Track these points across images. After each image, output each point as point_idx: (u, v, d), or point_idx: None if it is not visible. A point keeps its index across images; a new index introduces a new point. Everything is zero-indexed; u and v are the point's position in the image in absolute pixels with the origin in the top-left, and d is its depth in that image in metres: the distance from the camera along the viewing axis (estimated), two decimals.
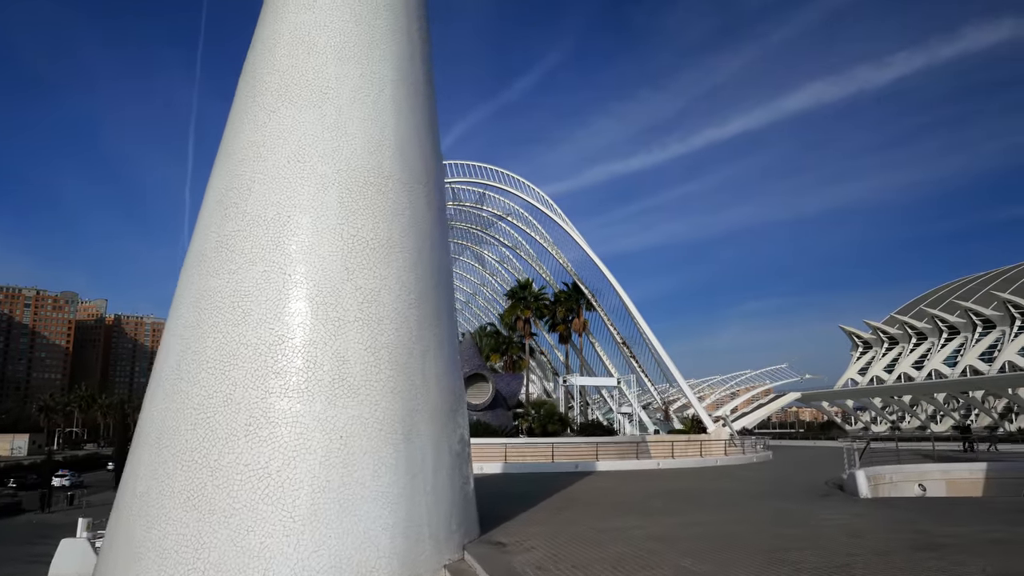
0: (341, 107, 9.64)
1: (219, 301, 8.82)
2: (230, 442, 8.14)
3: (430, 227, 10.02)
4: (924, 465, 20.32)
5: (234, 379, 8.39)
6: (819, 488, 17.11)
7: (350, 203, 9.24)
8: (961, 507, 13.26)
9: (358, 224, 9.18)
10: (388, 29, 10.31)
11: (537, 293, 52.82)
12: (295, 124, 9.52)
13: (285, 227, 9.00)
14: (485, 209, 65.51)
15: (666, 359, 49.91)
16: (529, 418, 34.72)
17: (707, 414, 46.88)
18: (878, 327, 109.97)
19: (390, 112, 9.95)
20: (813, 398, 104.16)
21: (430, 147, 10.55)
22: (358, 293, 8.87)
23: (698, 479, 21.16)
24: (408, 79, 10.37)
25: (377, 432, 8.46)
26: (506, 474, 23.45)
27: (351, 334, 8.67)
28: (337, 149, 9.44)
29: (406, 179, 9.83)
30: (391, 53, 10.23)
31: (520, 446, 27.24)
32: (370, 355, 8.70)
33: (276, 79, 9.85)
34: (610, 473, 23.75)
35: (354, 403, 8.44)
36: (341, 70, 9.82)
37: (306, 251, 8.89)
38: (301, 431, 8.16)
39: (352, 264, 8.96)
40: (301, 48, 9.92)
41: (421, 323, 9.34)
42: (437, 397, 9.30)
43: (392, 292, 9.12)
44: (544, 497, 15.10)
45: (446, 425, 9.37)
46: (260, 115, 9.73)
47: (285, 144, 9.44)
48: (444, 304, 10.02)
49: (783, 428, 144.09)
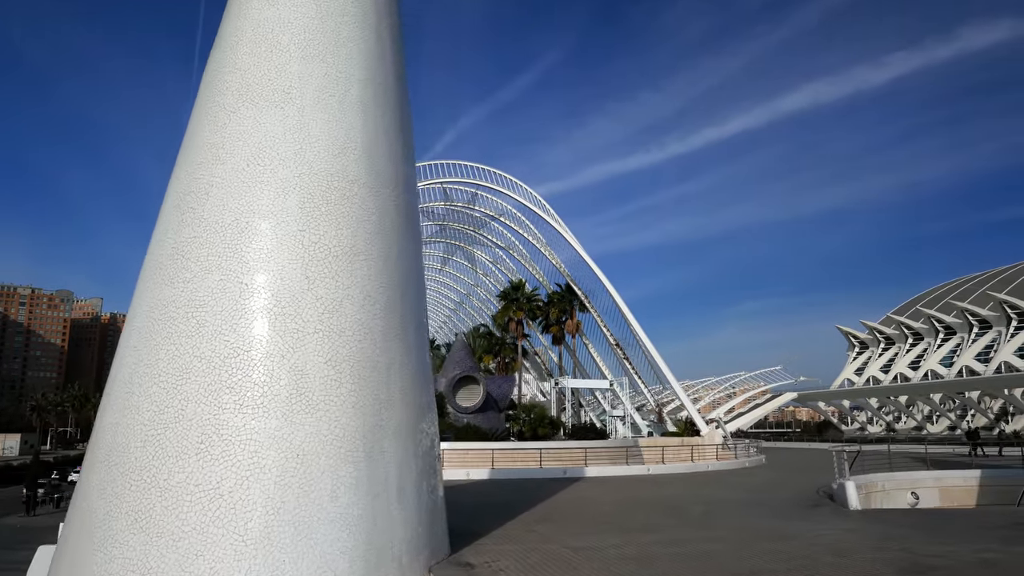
0: (304, 108, 9.22)
1: (173, 312, 8.42)
2: (181, 460, 7.73)
3: (398, 233, 9.61)
4: (917, 473, 19.96)
5: (186, 394, 7.98)
6: (809, 497, 16.73)
7: (312, 208, 8.83)
8: (954, 521, 12.89)
9: (320, 231, 8.77)
10: (355, 26, 9.90)
11: (530, 294, 52.42)
12: (255, 125, 9.11)
13: (243, 234, 8.59)
14: (477, 209, 65.03)
15: (659, 361, 49.45)
16: (520, 421, 34.31)
17: (701, 416, 46.47)
18: (874, 327, 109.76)
19: (356, 113, 9.54)
20: (809, 398, 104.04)
21: (400, 150, 10.14)
22: (319, 303, 8.46)
23: (687, 486, 20.77)
24: (377, 79, 9.96)
25: (337, 450, 8.05)
26: (493, 480, 23.06)
27: (311, 346, 8.26)
28: (299, 152, 9.03)
29: (373, 183, 9.42)
30: (358, 51, 9.82)
31: (508, 451, 26.85)
32: (331, 369, 8.29)
33: (237, 78, 9.44)
34: (598, 480, 23.36)
35: (312, 419, 8.03)
36: (305, 69, 9.41)
37: (265, 259, 8.48)
38: (255, 449, 7.76)
39: (313, 273, 8.55)
40: (263, 46, 9.50)
41: (387, 334, 8.93)
42: (403, 412, 8.89)
43: (355, 302, 8.71)
44: (525, 508, 14.71)
45: (412, 441, 8.96)
46: (220, 116, 9.32)
47: (245, 146, 9.03)
48: (413, 314, 9.61)
49: (779, 427, 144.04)
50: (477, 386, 39.12)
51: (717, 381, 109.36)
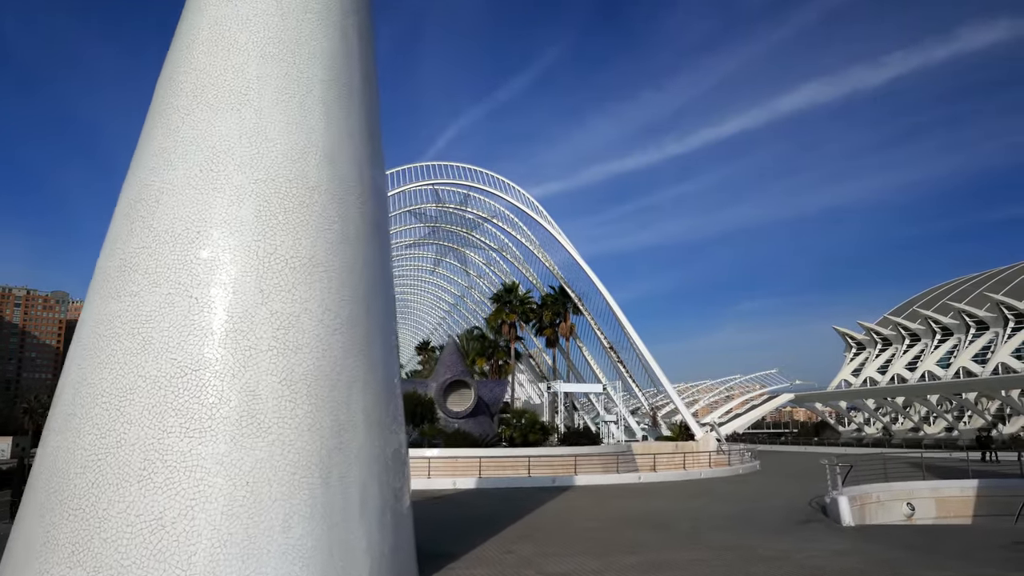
0: (262, 110, 8.71)
1: (118, 327, 7.91)
2: (121, 488, 7.21)
3: (363, 243, 9.09)
4: (913, 483, 19.45)
5: (129, 416, 7.47)
6: (802, 510, 16.22)
7: (269, 217, 8.32)
8: (949, 539, 12.39)
9: (277, 240, 8.26)
10: (318, 25, 9.39)
11: (523, 297, 51.82)
12: (210, 129, 8.60)
13: (194, 244, 8.08)
14: (470, 211, 64.51)
15: (653, 364, 49.00)
16: (510, 427, 33.75)
17: (695, 420, 45.98)
18: (871, 328, 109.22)
19: (318, 115, 9.02)
20: (806, 399, 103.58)
21: (367, 154, 9.63)
22: (274, 318, 7.94)
23: (677, 497, 20.26)
24: (341, 79, 9.45)
25: (290, 476, 7.53)
26: (479, 490, 22.54)
27: (263, 364, 7.74)
28: (256, 156, 8.52)
29: (335, 189, 8.90)
30: (321, 51, 9.31)
31: (495, 459, 26.29)
32: (285, 388, 7.77)
33: (192, 79, 8.93)
34: (587, 489, 22.84)
35: (264, 443, 7.51)
36: (263, 69, 8.89)
37: (217, 271, 7.97)
38: (201, 476, 7.24)
39: (268, 285, 8.04)
40: (220, 45, 8.99)
41: (348, 351, 8.41)
42: (365, 434, 8.37)
43: (314, 316, 8.19)
44: (507, 523, 14.20)
45: (376, 465, 8.44)
46: (173, 119, 8.81)
47: (198, 151, 8.52)
48: (379, 329, 9.09)
49: (776, 427, 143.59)
50: (468, 390, 38.51)
51: (713, 384, 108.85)
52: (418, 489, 22.41)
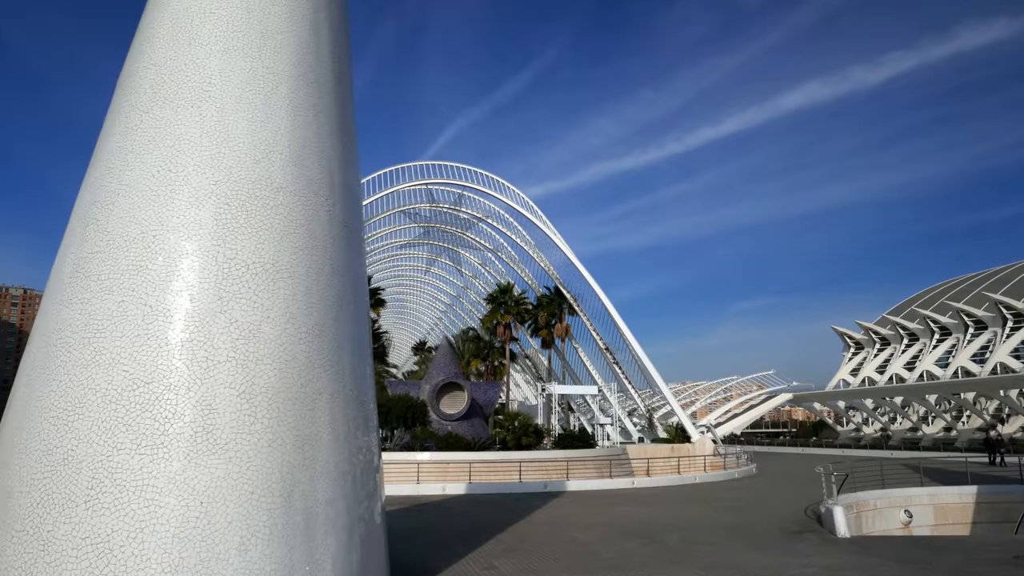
0: (224, 107, 8.28)
1: (69, 336, 7.47)
2: (67, 509, 6.78)
3: (332, 247, 8.66)
4: (910, 489, 19.06)
5: (78, 432, 7.04)
6: (796, 519, 15.80)
7: (229, 220, 7.88)
8: (948, 552, 11.96)
9: (238, 245, 7.83)
10: (286, 18, 8.95)
11: (518, 298, 51.39)
12: (169, 127, 8.17)
13: (149, 249, 7.65)
14: (465, 211, 64.05)
15: (648, 366, 48.53)
16: (503, 430, 33.33)
17: (691, 423, 45.54)
18: (870, 328, 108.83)
19: (285, 113, 8.59)
20: (804, 399, 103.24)
21: (338, 154, 9.19)
22: (233, 327, 7.51)
23: (670, 504, 19.84)
24: (310, 76, 9.01)
25: (248, 495, 7.11)
26: (469, 496, 22.10)
27: (221, 377, 7.31)
28: (217, 156, 8.08)
29: (302, 191, 8.47)
30: (289, 45, 8.87)
31: (486, 463, 25.84)
32: (244, 402, 7.34)
33: (151, 74, 8.49)
34: (579, 495, 22.41)
35: (220, 461, 7.08)
36: (227, 64, 8.46)
37: (172, 277, 7.54)
38: (152, 496, 6.82)
39: (227, 292, 7.60)
40: (182, 39, 8.56)
41: (314, 361, 7.98)
42: (331, 448, 7.94)
43: (276, 325, 7.76)
44: (494, 533, 13.78)
45: (343, 480, 8.01)
46: (132, 117, 8.38)
47: (156, 150, 8.09)
48: (349, 338, 8.65)
49: (775, 427, 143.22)
50: (462, 393, 38.09)
51: (711, 384, 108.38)
52: (406, 495, 21.99)
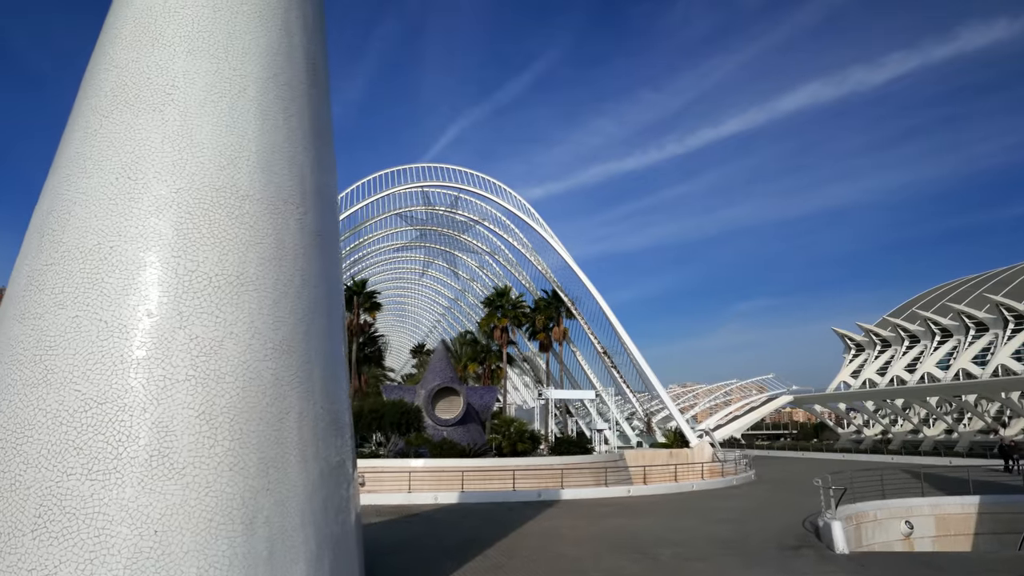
0: (188, 111, 7.88)
1: (20, 354, 7.07)
2: (13, 539, 6.38)
3: (303, 258, 8.26)
4: (911, 500, 18.64)
5: (26, 456, 6.64)
6: (794, 532, 15.37)
7: (191, 230, 7.49)
8: (948, 572, 11.54)
9: (199, 256, 7.43)
10: (255, 17, 8.55)
11: (515, 301, 50.98)
12: (130, 132, 7.77)
13: (106, 261, 7.25)
14: (461, 213, 63.64)
15: (647, 369, 48.09)
16: (499, 436, 32.90)
17: (690, 427, 45.09)
18: (870, 329, 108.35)
19: (252, 117, 8.19)
20: (805, 401, 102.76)
21: (311, 159, 8.79)
22: (193, 344, 7.11)
23: (665, 514, 19.41)
24: (281, 78, 8.61)
25: (206, 523, 6.70)
26: (461, 506, 21.68)
27: (179, 397, 6.91)
28: (179, 163, 7.69)
29: (271, 199, 8.07)
30: (258, 46, 8.48)
31: (479, 471, 25.41)
32: (203, 423, 6.94)
33: (113, 77, 8.11)
34: (573, 505, 21.98)
35: (177, 486, 6.68)
36: (191, 66, 8.06)
37: (129, 291, 7.14)
38: (104, 525, 6.41)
39: (188, 307, 7.20)
40: (145, 39, 8.17)
41: (281, 379, 7.58)
42: (299, 471, 7.53)
43: (240, 341, 7.36)
44: (481, 548, 13.37)
45: (311, 504, 7.60)
46: (92, 121, 7.99)
47: (116, 156, 7.69)
48: (321, 353, 8.25)
49: (776, 429, 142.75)
50: (457, 397, 37.68)
51: (710, 388, 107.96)
52: (397, 505, 21.58)
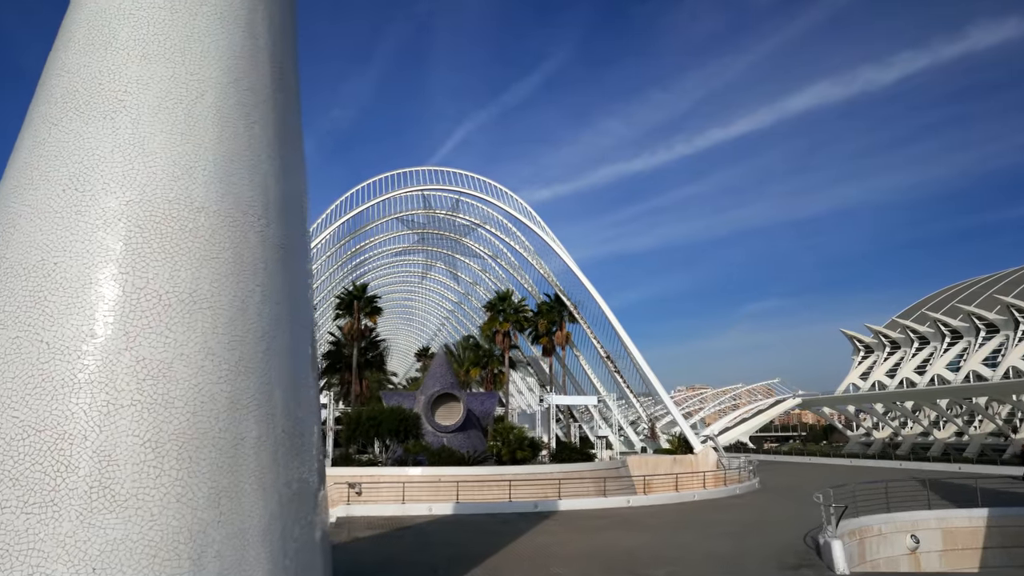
0: (140, 119, 7.47)
1: None
2: None
3: (264, 272, 7.83)
4: (917, 513, 18.07)
5: None
6: (795, 549, 14.83)
7: (141, 244, 7.07)
8: None
9: (149, 273, 7.00)
10: (216, 19, 8.14)
11: (517, 305, 50.48)
12: (79, 141, 7.37)
13: (49, 279, 6.84)
14: (463, 217, 63.21)
15: (650, 375, 47.50)
16: (499, 443, 32.45)
17: (694, 433, 44.51)
18: (879, 331, 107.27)
19: (210, 124, 7.77)
20: (813, 403, 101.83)
21: (276, 168, 8.36)
22: (140, 367, 6.68)
23: (663, 528, 18.89)
24: (244, 82, 8.19)
25: (150, 560, 6.26)
26: (455, 517, 21.22)
27: (123, 424, 6.48)
28: (130, 173, 7.27)
29: (228, 211, 7.65)
30: (217, 49, 8.06)
31: (478, 479, 24.95)
32: (148, 451, 6.51)
33: (64, 83, 7.71)
34: (570, 516, 21.48)
35: (119, 520, 6.25)
36: (145, 71, 7.65)
37: (73, 311, 6.72)
38: (38, 562, 5.99)
39: (135, 327, 6.78)
40: (98, 43, 7.77)
41: (236, 402, 7.14)
42: (255, 501, 7.09)
43: (191, 363, 6.93)
44: (467, 568, 12.92)
45: (269, 538, 7.15)
46: (41, 129, 7.59)
47: (64, 167, 7.29)
48: (284, 373, 7.81)
49: (784, 431, 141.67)
50: (457, 403, 37.29)
51: (715, 393, 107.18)
52: (390, 516, 21.14)
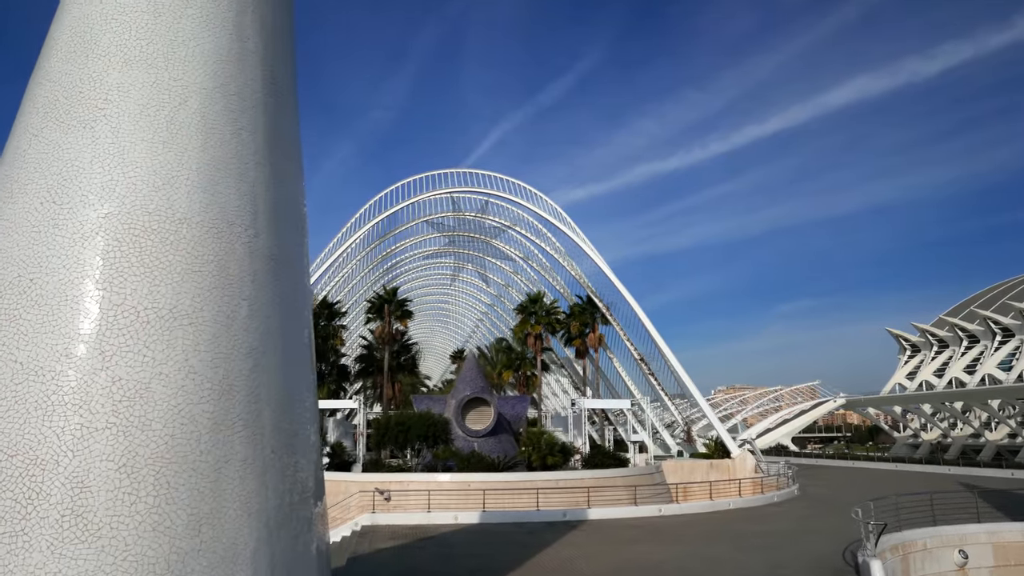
0: (120, 127, 7.17)
1: None
2: None
3: (252, 285, 7.47)
4: (966, 527, 17.08)
5: None
6: (832, 566, 14.02)
7: (119, 258, 6.76)
8: None
9: (127, 288, 6.69)
10: (201, 23, 7.81)
11: (549, 307, 49.93)
12: (58, 152, 7.10)
13: (24, 295, 6.57)
14: (493, 219, 62.85)
15: (684, 378, 46.50)
16: (530, 448, 31.92)
17: (735, 435, 43.43)
18: (926, 329, 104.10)
19: (194, 131, 7.45)
20: (858, 404, 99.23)
21: (266, 175, 8.01)
22: (115, 387, 6.36)
23: (694, 540, 18.19)
24: (230, 87, 7.86)
25: None
26: (480, 526, 20.79)
27: (97, 448, 6.16)
28: (109, 184, 6.98)
29: (213, 221, 7.30)
30: (202, 53, 7.73)
31: (505, 487, 24.46)
32: (123, 477, 6.18)
33: (45, 92, 7.46)
34: (599, 526, 20.88)
35: (91, 550, 5.93)
36: (126, 77, 7.36)
37: (47, 329, 6.43)
38: None
39: (111, 345, 6.46)
40: (80, 50, 7.50)
41: (219, 423, 6.78)
42: (239, 527, 6.72)
43: (170, 383, 6.59)
44: None
45: (253, 567, 6.77)
46: (22, 140, 7.36)
47: (42, 179, 7.03)
48: (273, 390, 7.43)
49: (828, 431, 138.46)
50: (488, 408, 36.93)
51: (756, 394, 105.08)
52: (415, 525, 20.81)
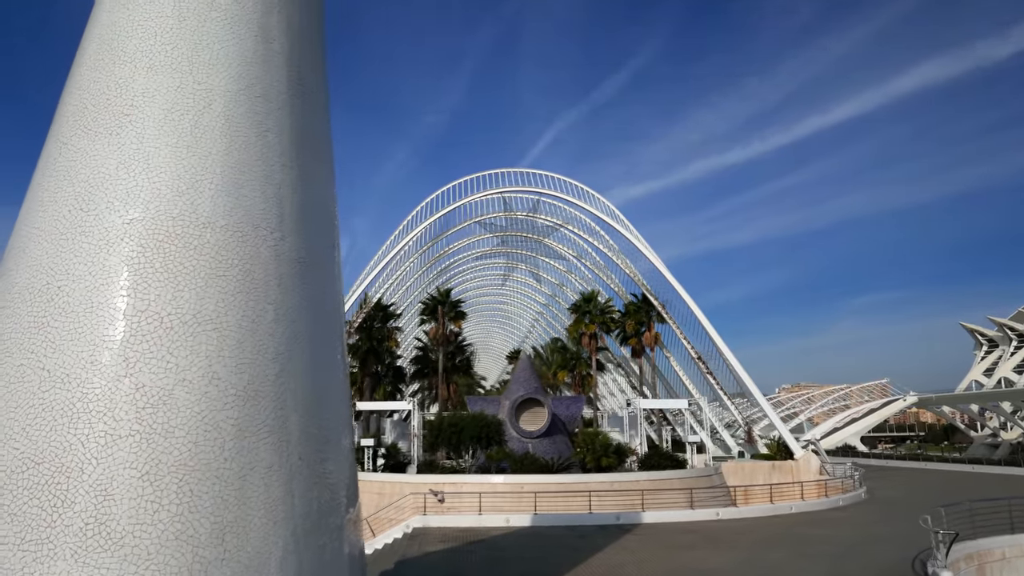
0: (144, 133, 7.15)
1: None
2: None
3: (277, 289, 7.35)
4: None
5: None
6: None
7: (143, 264, 6.71)
8: None
9: (151, 294, 6.64)
10: (226, 25, 7.75)
11: (603, 306, 49.29)
12: (86, 159, 7.13)
13: (51, 303, 6.59)
14: (546, 218, 62.37)
15: (743, 376, 45.17)
16: (584, 449, 31.50)
17: (800, 434, 41.99)
18: (1004, 323, 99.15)
19: (219, 135, 7.38)
20: (931, 402, 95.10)
21: (293, 177, 7.89)
22: (139, 394, 6.31)
23: (751, 546, 17.50)
24: (255, 88, 7.77)
25: None
26: (532, 529, 20.50)
27: (121, 455, 6.11)
28: (134, 190, 6.95)
29: (237, 225, 7.22)
30: (227, 56, 7.67)
31: (558, 489, 24.12)
32: (146, 485, 6.11)
33: (74, 100, 7.52)
34: (653, 530, 20.33)
35: (114, 559, 5.87)
36: (151, 82, 7.34)
37: (73, 336, 6.43)
38: None
39: (135, 352, 6.41)
40: (107, 57, 7.53)
41: (244, 430, 6.67)
42: (265, 537, 6.59)
43: (194, 389, 6.51)
44: None
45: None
46: (52, 149, 7.44)
47: (70, 187, 7.06)
48: (299, 396, 7.30)
49: (900, 431, 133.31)
50: (541, 409, 36.63)
51: (822, 392, 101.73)
52: (466, 527, 20.66)
